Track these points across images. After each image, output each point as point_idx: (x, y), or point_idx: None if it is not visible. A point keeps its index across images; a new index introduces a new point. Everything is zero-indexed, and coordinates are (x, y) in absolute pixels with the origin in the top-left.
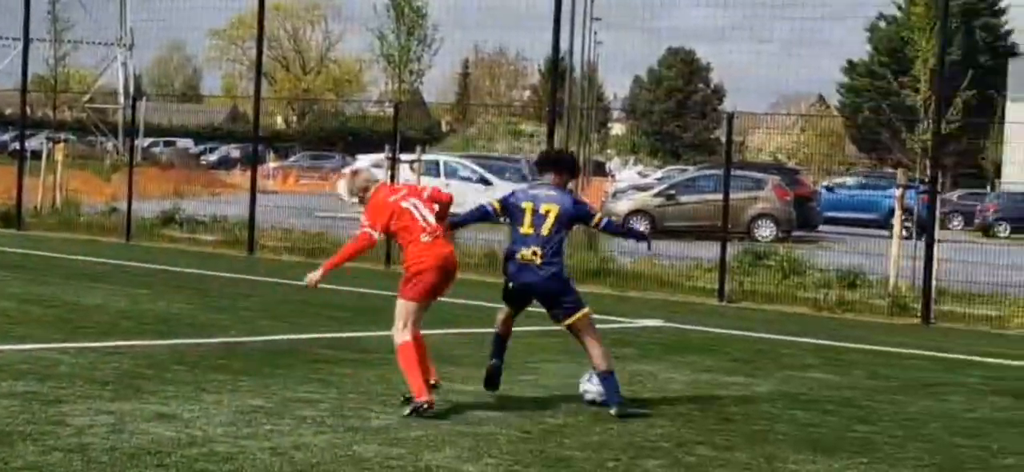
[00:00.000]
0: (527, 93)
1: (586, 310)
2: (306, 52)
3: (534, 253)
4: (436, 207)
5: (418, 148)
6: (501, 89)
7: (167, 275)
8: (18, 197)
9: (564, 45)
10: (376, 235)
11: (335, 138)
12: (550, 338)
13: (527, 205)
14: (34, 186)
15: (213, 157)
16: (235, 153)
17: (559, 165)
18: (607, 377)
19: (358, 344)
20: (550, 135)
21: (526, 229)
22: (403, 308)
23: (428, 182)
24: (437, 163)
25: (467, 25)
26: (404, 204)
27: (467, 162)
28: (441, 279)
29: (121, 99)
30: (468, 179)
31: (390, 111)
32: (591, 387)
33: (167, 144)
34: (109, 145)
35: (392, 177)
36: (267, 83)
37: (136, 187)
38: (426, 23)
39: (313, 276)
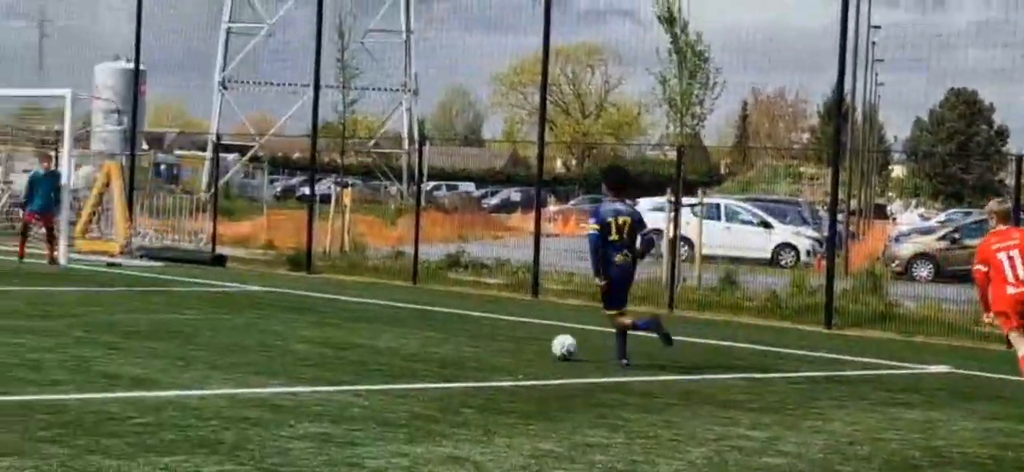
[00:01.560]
0: (805, 135)
1: None
2: (586, 96)
3: (624, 255)
4: None
5: (700, 191)
6: (780, 131)
7: (454, 318)
8: (308, 241)
9: (846, 86)
10: (983, 269)
11: None
12: (833, 384)
13: (611, 221)
14: (323, 230)
15: (494, 200)
16: (516, 196)
17: (628, 184)
18: (655, 321)
19: (640, 389)
20: (835, 177)
21: (614, 236)
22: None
23: (710, 225)
24: (718, 206)
25: (746, 67)
26: (999, 255)
27: (748, 205)
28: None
29: (405, 144)
30: (749, 222)
31: (670, 154)
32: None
33: (449, 188)
34: (393, 189)
35: (675, 221)
36: (548, 127)
37: (420, 230)
38: (708, 66)
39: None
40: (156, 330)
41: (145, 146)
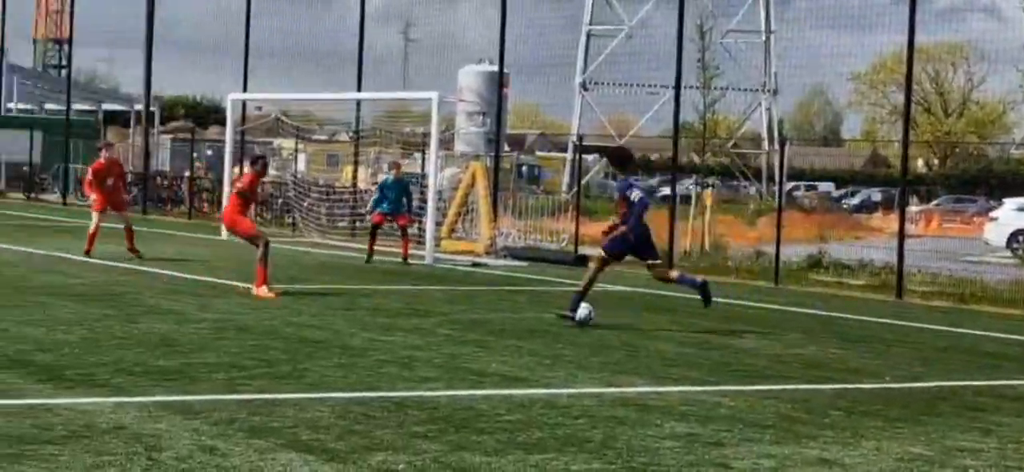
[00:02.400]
0: None
1: None
2: (948, 94)
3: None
4: None
5: None
6: None
7: (817, 319)
8: (669, 241)
9: None
10: None
11: (978, 181)
12: None
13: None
14: (683, 230)
15: (854, 200)
16: (876, 196)
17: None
18: (684, 277)
19: (1014, 392)
20: None
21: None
22: None
23: None
24: None
25: None
26: None
27: None
28: None
29: (764, 144)
30: None
31: None
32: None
33: (808, 188)
34: (752, 189)
35: None
36: (910, 126)
37: (781, 231)
38: None
39: None
40: (522, 328)
41: (507, 148)
